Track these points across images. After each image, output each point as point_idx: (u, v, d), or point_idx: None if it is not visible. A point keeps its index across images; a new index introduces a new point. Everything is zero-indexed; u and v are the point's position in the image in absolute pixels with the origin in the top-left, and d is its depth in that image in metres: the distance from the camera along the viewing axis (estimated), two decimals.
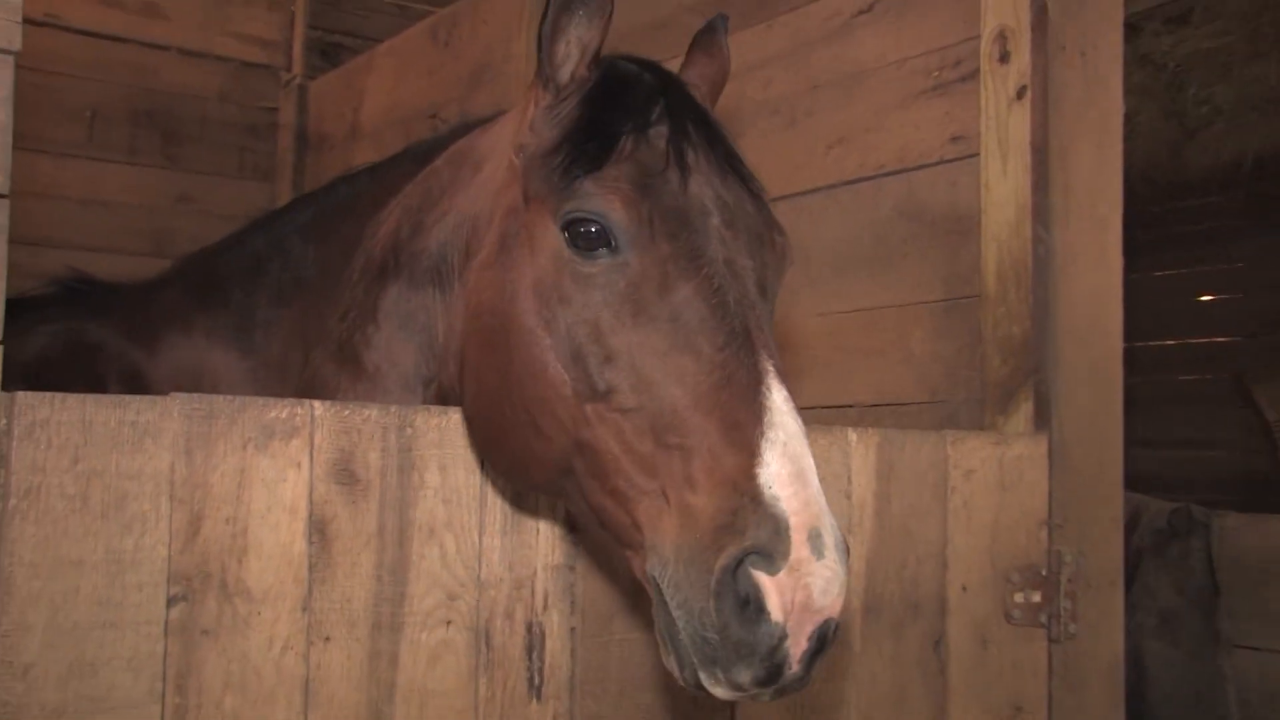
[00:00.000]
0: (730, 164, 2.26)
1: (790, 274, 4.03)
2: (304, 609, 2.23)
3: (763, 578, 1.79)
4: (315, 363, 2.97)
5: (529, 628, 2.46)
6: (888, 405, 3.64)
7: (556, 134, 2.29)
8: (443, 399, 2.65)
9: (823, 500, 1.88)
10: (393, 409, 2.37)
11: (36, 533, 1.99)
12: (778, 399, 1.95)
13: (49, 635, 1.99)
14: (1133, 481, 3.63)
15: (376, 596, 2.31)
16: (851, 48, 3.85)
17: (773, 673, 1.81)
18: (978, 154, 3.39)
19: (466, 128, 2.95)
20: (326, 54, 7.31)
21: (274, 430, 2.22)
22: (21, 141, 2.07)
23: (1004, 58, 3.30)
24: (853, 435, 2.84)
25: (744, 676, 1.83)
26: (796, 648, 1.81)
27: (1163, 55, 7.75)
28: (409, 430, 2.36)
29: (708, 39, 2.74)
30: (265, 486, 2.21)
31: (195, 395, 2.18)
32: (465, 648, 2.39)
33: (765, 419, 1.92)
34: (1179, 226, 8.11)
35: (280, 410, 2.23)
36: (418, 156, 3.04)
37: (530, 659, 2.46)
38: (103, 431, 2.07)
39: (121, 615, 2.06)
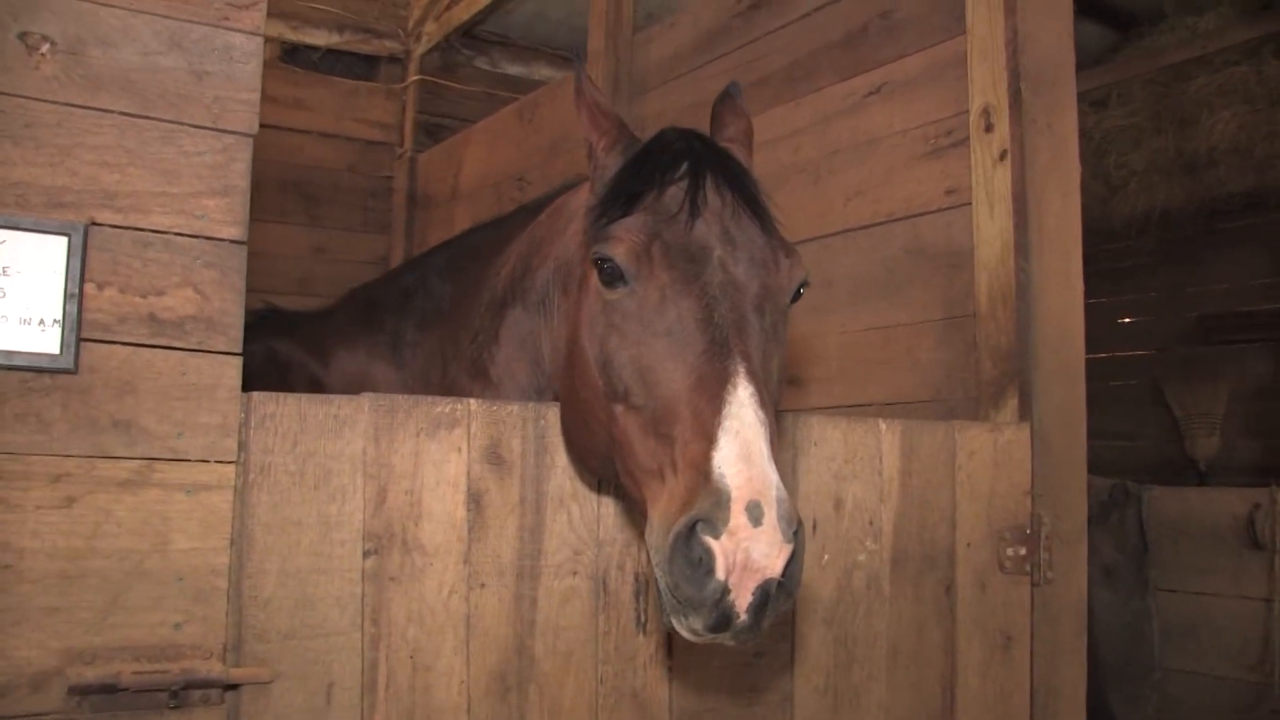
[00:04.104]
0: (744, 205, 2.19)
1: (815, 300, 4.08)
2: (465, 561, 2.25)
3: (709, 541, 1.74)
4: (452, 374, 2.99)
5: (636, 577, 2.46)
6: (899, 404, 3.61)
7: (601, 194, 2.28)
8: None
9: (769, 478, 1.79)
10: (530, 405, 2.38)
11: (268, 500, 2.03)
12: (742, 394, 1.88)
13: (280, 578, 2.03)
14: None
15: (519, 552, 2.32)
16: (864, 121, 3.85)
17: (721, 621, 1.76)
18: (969, 203, 3.37)
19: (567, 188, 2.96)
20: (431, 132, 7.36)
21: (440, 422, 2.25)
22: None
23: (989, 128, 3.30)
24: (882, 425, 2.84)
25: (698, 624, 1.79)
26: (742, 600, 1.75)
27: (1090, 129, 7.70)
28: (542, 422, 2.38)
29: (728, 104, 2.60)
30: (434, 466, 2.23)
31: (380, 394, 2.21)
32: (588, 593, 2.40)
33: (724, 411, 1.85)
34: (1106, 264, 8.08)
35: (445, 406, 2.26)
36: (530, 211, 3.05)
37: (637, 602, 2.46)
38: (313, 422, 2.10)
39: (330, 564, 2.09)
